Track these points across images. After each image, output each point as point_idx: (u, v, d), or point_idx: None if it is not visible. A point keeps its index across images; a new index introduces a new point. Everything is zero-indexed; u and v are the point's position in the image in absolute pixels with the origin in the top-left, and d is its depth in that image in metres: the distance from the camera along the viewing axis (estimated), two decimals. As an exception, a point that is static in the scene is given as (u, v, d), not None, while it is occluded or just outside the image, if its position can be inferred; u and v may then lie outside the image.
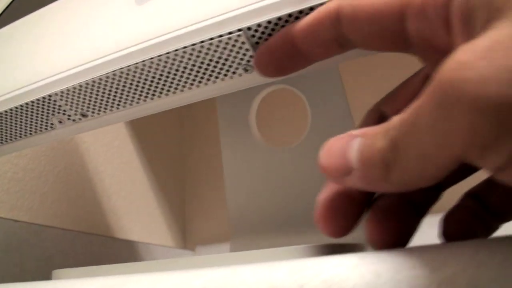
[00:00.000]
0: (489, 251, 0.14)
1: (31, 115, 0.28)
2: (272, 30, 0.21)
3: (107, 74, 0.24)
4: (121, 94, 0.25)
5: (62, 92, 0.26)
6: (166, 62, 0.23)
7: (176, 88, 0.24)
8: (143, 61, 0.23)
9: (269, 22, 0.21)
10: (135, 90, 0.25)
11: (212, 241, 0.69)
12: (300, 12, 0.20)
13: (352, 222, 0.17)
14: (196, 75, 0.23)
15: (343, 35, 0.18)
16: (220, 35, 0.21)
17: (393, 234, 0.16)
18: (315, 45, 0.19)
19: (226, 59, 0.22)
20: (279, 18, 0.20)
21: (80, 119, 0.28)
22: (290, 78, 0.22)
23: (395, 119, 0.14)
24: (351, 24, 0.17)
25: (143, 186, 0.64)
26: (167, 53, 0.23)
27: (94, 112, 0.27)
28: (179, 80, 0.24)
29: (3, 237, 0.42)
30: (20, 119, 0.28)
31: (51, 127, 0.29)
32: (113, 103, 0.26)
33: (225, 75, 0.23)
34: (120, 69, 0.24)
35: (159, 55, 0.23)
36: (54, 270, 0.27)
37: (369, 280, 0.14)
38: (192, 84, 0.24)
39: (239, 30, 0.21)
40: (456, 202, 0.18)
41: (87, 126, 0.28)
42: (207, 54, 0.22)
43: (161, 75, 0.24)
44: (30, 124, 0.29)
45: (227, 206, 0.32)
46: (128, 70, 0.24)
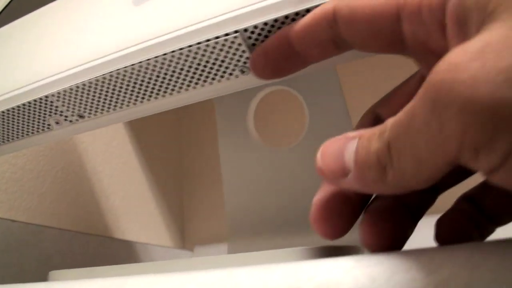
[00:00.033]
0: (484, 255, 0.14)
1: (28, 116, 0.28)
2: (269, 31, 0.21)
3: (103, 75, 0.24)
4: (117, 95, 0.25)
5: (59, 93, 0.26)
6: (162, 64, 0.23)
7: (172, 90, 0.24)
8: (139, 62, 0.23)
9: (265, 23, 0.20)
10: (132, 91, 0.25)
11: (210, 241, 0.69)
12: (297, 14, 0.20)
13: (348, 223, 0.17)
14: (192, 77, 0.23)
15: (340, 36, 0.18)
16: (217, 37, 0.21)
17: (387, 237, 0.16)
18: (311, 46, 0.19)
19: (223, 61, 0.22)
20: (276, 20, 0.20)
21: (77, 120, 0.28)
22: (288, 79, 0.22)
23: (390, 121, 0.14)
24: (347, 25, 0.17)
25: (141, 186, 0.64)
26: (164, 54, 0.23)
27: (91, 113, 0.27)
28: (176, 82, 0.24)
29: (1, 237, 0.42)
30: (17, 120, 0.28)
31: (48, 128, 0.29)
32: (109, 104, 0.26)
33: (221, 76, 0.23)
34: (116, 70, 0.24)
35: (155, 57, 0.23)
36: (50, 272, 0.27)
37: (363, 284, 0.14)
38: (188, 85, 0.24)
39: (236, 31, 0.21)
40: (452, 206, 0.18)
41: (84, 127, 0.28)
42: (203, 55, 0.22)
43: (157, 76, 0.24)
44: (27, 125, 0.29)
45: (225, 206, 0.32)
46: (125, 71, 0.24)
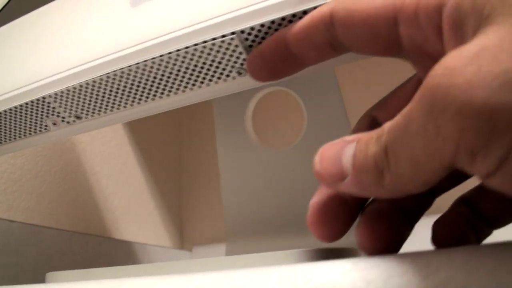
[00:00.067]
0: (480, 258, 0.14)
1: (25, 117, 0.28)
2: (266, 33, 0.21)
3: (100, 76, 0.24)
4: (115, 97, 0.25)
5: (56, 94, 0.26)
6: (159, 65, 0.23)
7: (169, 91, 0.24)
8: (136, 63, 0.23)
9: (262, 25, 0.20)
10: (129, 92, 0.25)
11: (209, 241, 0.69)
12: (294, 15, 0.20)
13: (345, 226, 0.17)
14: (189, 78, 0.23)
15: (337, 39, 0.18)
16: (214, 38, 0.21)
17: (384, 240, 0.16)
18: (308, 48, 0.19)
19: (220, 62, 0.22)
20: (273, 22, 0.20)
21: (74, 121, 0.27)
22: (286, 80, 0.22)
23: (387, 125, 0.14)
24: (344, 28, 0.17)
25: (140, 187, 0.64)
26: (161, 55, 0.23)
27: (88, 114, 0.27)
28: (173, 83, 0.24)
29: (0, 237, 0.42)
30: (14, 121, 0.28)
31: (45, 129, 0.29)
32: (107, 105, 0.26)
33: (218, 78, 0.23)
34: (113, 71, 0.24)
35: (152, 58, 0.23)
36: (48, 273, 0.27)
37: (360, 287, 0.14)
38: (185, 87, 0.24)
39: (233, 33, 0.21)
40: (448, 208, 0.18)
41: (81, 128, 0.28)
42: (200, 57, 0.22)
43: (154, 77, 0.24)
44: (24, 126, 0.29)
45: (223, 207, 0.32)
46: (122, 73, 0.24)
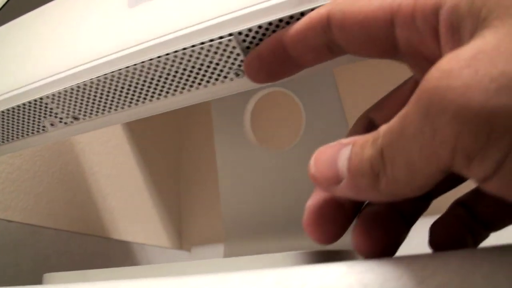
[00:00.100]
0: (476, 262, 0.13)
1: (22, 118, 0.28)
2: (263, 35, 0.21)
3: (98, 77, 0.24)
4: (112, 98, 0.25)
5: (54, 95, 0.26)
6: (157, 66, 0.23)
7: (167, 92, 0.24)
8: (134, 64, 0.23)
9: (259, 27, 0.20)
10: (127, 93, 0.25)
11: (207, 241, 0.69)
12: (291, 17, 0.20)
13: (341, 228, 0.17)
14: (187, 80, 0.23)
15: (334, 41, 0.18)
16: (211, 40, 0.21)
17: (380, 243, 0.16)
18: (306, 50, 0.19)
19: (217, 64, 0.22)
20: (270, 23, 0.20)
21: (72, 122, 0.27)
22: (285, 81, 0.22)
23: (383, 128, 0.14)
24: (341, 30, 0.17)
25: (138, 187, 0.64)
26: (158, 57, 0.23)
27: (86, 115, 0.27)
28: (170, 84, 0.24)
29: (-3, 237, 0.42)
30: (12, 121, 0.28)
31: (43, 129, 0.28)
32: (104, 106, 0.26)
33: (216, 79, 0.23)
34: (111, 72, 0.24)
35: (150, 59, 0.23)
36: (45, 274, 0.27)
37: (355, 291, 0.14)
38: (183, 88, 0.24)
39: (230, 34, 0.21)
40: (446, 211, 0.18)
41: (79, 129, 0.28)
42: (198, 58, 0.22)
43: (152, 79, 0.24)
44: (22, 127, 0.29)
45: (221, 208, 0.32)
46: (119, 74, 0.24)
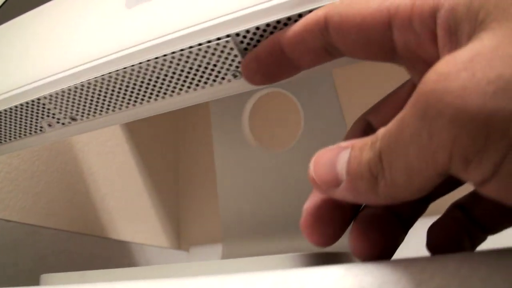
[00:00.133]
0: (473, 265, 0.13)
1: (20, 119, 0.28)
2: (261, 36, 0.21)
3: (95, 78, 0.24)
4: (110, 99, 0.25)
5: (51, 95, 0.26)
6: (154, 67, 0.23)
7: (165, 94, 0.24)
8: (131, 65, 0.23)
9: (257, 28, 0.20)
10: (124, 94, 0.25)
11: (206, 241, 0.69)
12: (289, 18, 0.20)
13: (339, 231, 0.17)
14: (185, 81, 0.23)
15: (331, 43, 0.18)
16: (209, 41, 0.21)
17: (377, 246, 0.16)
18: (303, 52, 0.19)
19: (215, 65, 0.22)
20: (268, 25, 0.20)
21: (70, 122, 0.27)
22: (283, 82, 0.22)
23: (381, 131, 0.14)
24: (338, 33, 0.17)
25: (137, 187, 0.64)
26: (156, 58, 0.22)
27: (83, 115, 0.27)
28: (168, 86, 0.24)
29: (-4, 237, 0.42)
30: (9, 122, 0.28)
31: (40, 130, 0.28)
32: (102, 107, 0.26)
33: (214, 80, 0.23)
34: (108, 73, 0.24)
35: (147, 60, 0.23)
36: (42, 275, 0.27)
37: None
38: (181, 89, 0.24)
39: (228, 36, 0.21)
40: (443, 213, 0.18)
41: (77, 130, 0.28)
42: (195, 59, 0.22)
43: (149, 80, 0.24)
44: (20, 127, 0.28)
45: (220, 208, 0.32)
46: (117, 75, 0.24)
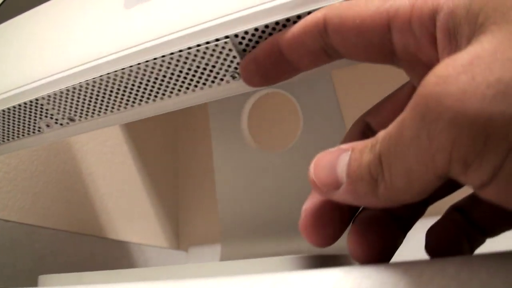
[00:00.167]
0: (472, 270, 0.13)
1: (18, 119, 0.28)
2: (259, 37, 0.21)
3: (94, 78, 0.24)
4: (108, 99, 0.25)
5: (49, 96, 0.26)
6: (153, 68, 0.23)
7: (163, 95, 0.24)
8: (130, 66, 0.23)
9: (256, 29, 0.20)
10: (123, 95, 0.25)
11: (205, 241, 0.69)
12: (288, 20, 0.20)
13: (338, 231, 0.17)
14: (183, 82, 0.23)
15: (330, 45, 0.18)
16: (207, 42, 0.21)
17: (376, 248, 0.16)
18: (302, 54, 0.19)
19: (214, 66, 0.22)
20: (266, 26, 0.20)
21: (68, 123, 0.27)
22: (282, 82, 0.22)
23: (381, 134, 0.14)
24: (337, 34, 0.17)
25: (136, 187, 0.64)
26: (154, 59, 0.22)
27: (81, 116, 0.27)
28: (166, 86, 0.24)
29: (-6, 237, 0.42)
30: (7, 122, 0.28)
31: (38, 130, 0.28)
32: (100, 108, 0.26)
33: (212, 82, 0.23)
34: (106, 74, 0.24)
35: (146, 61, 0.23)
36: (40, 276, 0.27)
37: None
38: (179, 90, 0.24)
39: (226, 37, 0.21)
40: (442, 216, 0.18)
41: (75, 130, 0.28)
42: (194, 60, 0.22)
43: (148, 81, 0.24)
44: (18, 128, 0.28)
45: (218, 209, 0.32)
46: (115, 75, 0.24)
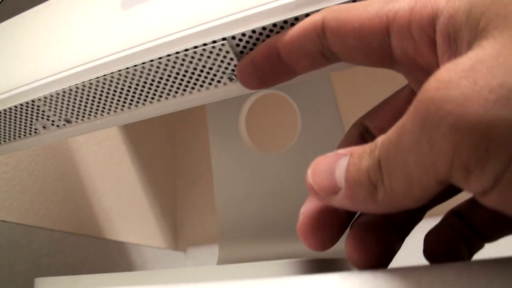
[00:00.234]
0: (472, 275, 0.13)
1: (14, 120, 0.27)
2: (257, 39, 0.20)
3: (90, 80, 0.24)
4: (105, 101, 0.25)
5: (46, 97, 0.25)
6: (150, 70, 0.23)
7: (160, 96, 0.24)
8: (126, 68, 0.23)
9: (253, 31, 0.20)
10: (119, 97, 0.24)
11: (203, 242, 0.69)
12: (285, 22, 0.19)
13: (335, 235, 0.17)
14: (180, 84, 0.23)
15: (328, 48, 0.17)
16: (204, 44, 0.21)
17: (374, 253, 0.16)
18: (299, 57, 0.18)
19: (211, 68, 0.22)
20: (264, 28, 0.20)
21: (64, 125, 0.27)
22: (280, 84, 0.21)
23: (380, 139, 0.13)
24: (335, 38, 0.17)
25: (134, 187, 0.64)
26: (151, 60, 0.22)
27: (78, 118, 0.26)
28: (164, 88, 0.23)
29: (-9, 238, 0.42)
30: (4, 124, 0.28)
31: (35, 132, 0.28)
32: (97, 109, 0.26)
33: (209, 84, 0.23)
34: (103, 75, 0.23)
35: (143, 62, 0.22)
36: (36, 279, 0.26)
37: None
38: (176, 92, 0.23)
39: (223, 39, 0.20)
40: (440, 220, 0.18)
41: (71, 132, 0.28)
42: (191, 62, 0.22)
43: (145, 82, 0.23)
44: (14, 129, 0.28)
45: (216, 211, 0.32)
46: (112, 77, 0.23)
